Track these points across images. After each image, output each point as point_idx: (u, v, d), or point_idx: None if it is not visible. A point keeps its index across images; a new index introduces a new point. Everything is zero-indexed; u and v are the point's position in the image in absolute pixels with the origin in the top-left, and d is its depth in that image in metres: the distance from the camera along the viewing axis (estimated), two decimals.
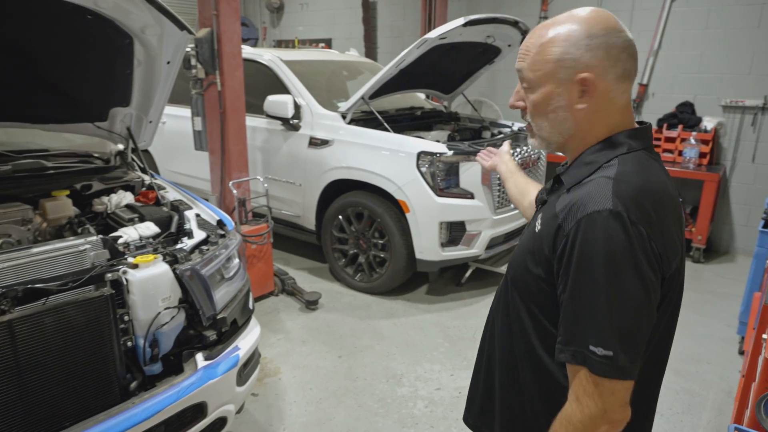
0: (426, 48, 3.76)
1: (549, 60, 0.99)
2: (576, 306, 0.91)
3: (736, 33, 4.85)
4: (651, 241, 0.89)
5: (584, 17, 0.98)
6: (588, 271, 0.89)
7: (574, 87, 0.98)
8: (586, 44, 0.95)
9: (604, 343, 0.87)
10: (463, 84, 5.09)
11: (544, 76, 1.00)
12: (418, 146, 3.70)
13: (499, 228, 3.94)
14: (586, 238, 0.89)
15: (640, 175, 0.94)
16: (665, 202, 0.94)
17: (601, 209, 0.89)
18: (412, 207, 3.70)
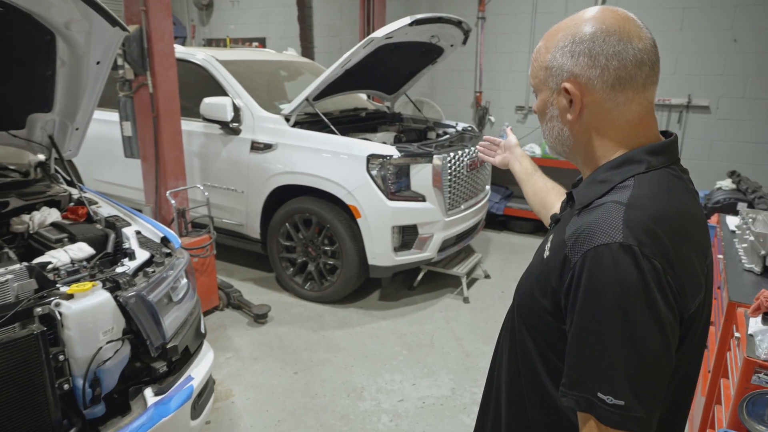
0: (372, 48, 3.65)
1: (542, 66, 0.93)
2: (582, 348, 0.80)
3: (661, 35, 5.09)
4: (667, 277, 0.77)
5: (580, 19, 0.89)
6: (595, 311, 0.78)
7: (562, 96, 0.91)
8: (570, 50, 0.88)
9: (615, 391, 0.76)
10: (406, 84, 5.03)
11: (539, 83, 0.94)
12: (368, 149, 3.58)
13: (451, 230, 3.90)
14: (593, 275, 0.78)
15: (657, 200, 0.82)
16: (687, 231, 0.83)
17: (610, 242, 0.78)
18: (364, 212, 3.58)
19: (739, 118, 4.95)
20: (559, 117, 0.92)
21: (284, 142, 3.83)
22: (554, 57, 0.89)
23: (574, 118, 0.90)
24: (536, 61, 0.94)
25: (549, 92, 0.93)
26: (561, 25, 0.92)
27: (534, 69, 0.95)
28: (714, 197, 4.18)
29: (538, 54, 0.94)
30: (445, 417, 2.71)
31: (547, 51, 0.91)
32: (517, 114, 5.99)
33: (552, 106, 0.93)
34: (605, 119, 0.89)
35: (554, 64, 0.90)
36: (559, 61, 0.89)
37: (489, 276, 4.49)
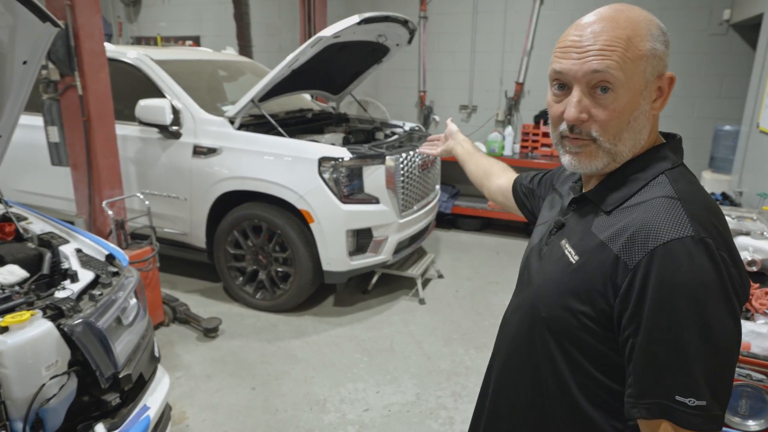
0: (320, 47, 3.54)
1: (640, 55, 0.83)
2: (655, 351, 0.76)
3: None
4: (732, 268, 0.76)
5: (641, 11, 0.87)
6: (671, 310, 0.75)
7: (653, 88, 0.86)
8: (663, 40, 0.85)
9: (697, 392, 0.74)
10: (351, 84, 4.94)
11: (635, 75, 0.84)
12: (319, 151, 3.47)
13: (405, 231, 3.86)
14: (666, 272, 0.75)
15: (701, 194, 0.82)
16: (727, 226, 0.84)
17: (683, 236, 0.75)
18: (317, 216, 3.47)
19: (666, 114, 5.21)
20: (648, 112, 0.87)
21: (229, 146, 3.64)
22: (654, 46, 0.84)
23: (660, 107, 0.88)
24: (629, 51, 0.82)
25: (643, 84, 0.84)
26: (632, 14, 0.85)
27: (624, 59, 0.82)
28: None
29: (627, 43, 0.82)
30: (413, 424, 2.66)
31: (641, 39, 0.83)
32: (461, 113, 6.04)
33: (645, 100, 0.86)
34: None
35: (654, 53, 0.84)
36: (659, 49, 0.84)
37: (442, 276, 4.49)
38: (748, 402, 1.45)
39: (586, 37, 0.84)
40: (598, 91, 0.84)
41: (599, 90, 0.84)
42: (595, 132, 0.86)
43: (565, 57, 0.86)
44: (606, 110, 0.84)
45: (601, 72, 0.82)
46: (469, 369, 3.12)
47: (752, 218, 2.38)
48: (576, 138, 0.87)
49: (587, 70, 0.83)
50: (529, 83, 5.66)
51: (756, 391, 1.44)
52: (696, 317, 0.74)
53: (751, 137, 3.84)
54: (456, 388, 2.95)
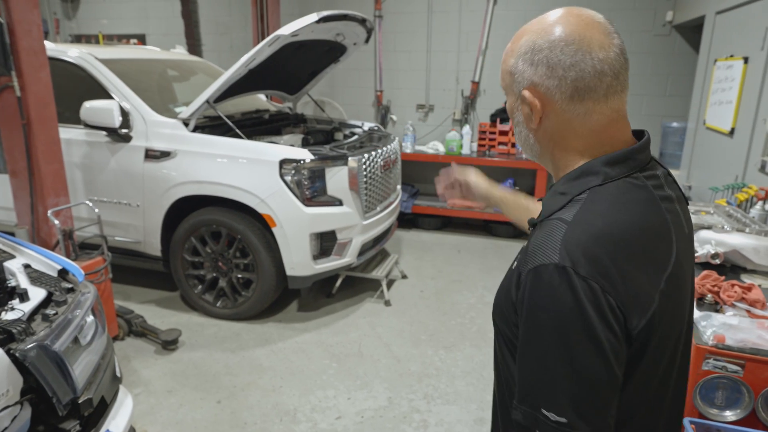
0: (278, 46, 3.44)
1: (507, 71, 0.90)
2: (527, 364, 0.80)
3: None
4: (607, 296, 0.74)
5: (543, 23, 0.85)
6: (537, 331, 0.78)
7: (524, 104, 0.88)
8: (530, 58, 0.85)
9: (557, 409, 0.76)
10: (308, 84, 4.85)
11: (507, 86, 0.92)
12: (280, 153, 3.37)
13: (369, 233, 3.81)
14: (533, 295, 0.78)
15: (605, 216, 0.79)
16: (635, 247, 0.79)
17: (548, 263, 0.77)
18: (279, 220, 3.37)
19: None
20: (524, 123, 0.90)
21: (184, 149, 3.49)
22: (516, 63, 0.86)
23: (536, 126, 0.88)
24: (503, 64, 0.91)
25: (514, 97, 0.90)
26: (526, 29, 0.88)
27: (502, 72, 0.92)
28: None
29: (505, 57, 0.90)
30: (387, 429, 2.62)
31: (511, 56, 0.88)
32: (418, 112, 6.05)
33: (517, 111, 0.91)
34: (566, 129, 0.86)
35: (516, 71, 0.87)
36: (520, 68, 0.86)
37: (406, 276, 4.47)
38: (725, 393, 1.49)
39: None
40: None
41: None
42: None
43: None
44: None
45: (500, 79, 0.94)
46: (439, 370, 3.10)
47: (709, 212, 2.47)
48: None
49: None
50: (485, 82, 5.73)
51: (731, 382, 1.47)
52: (556, 341, 0.76)
53: (698, 133, 4.01)
54: (428, 390, 2.92)
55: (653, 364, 0.82)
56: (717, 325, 1.56)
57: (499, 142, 5.56)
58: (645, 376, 0.82)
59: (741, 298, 1.70)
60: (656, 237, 0.81)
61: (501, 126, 5.51)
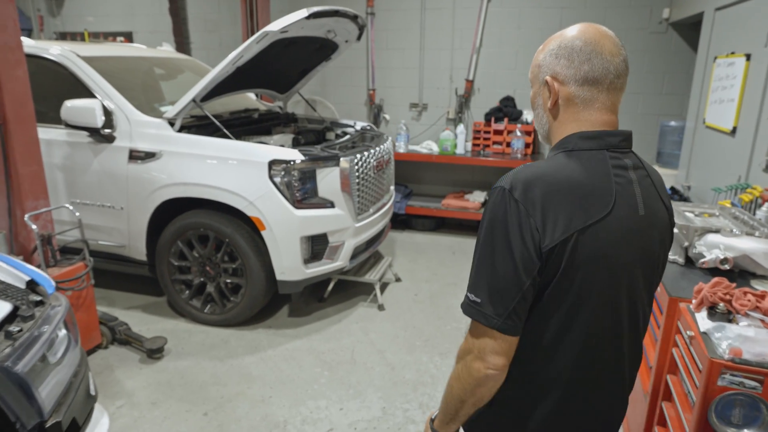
0: (267, 42, 3.32)
1: (536, 64, 1.14)
2: (473, 259, 1.08)
3: (543, 33, 5.31)
4: (529, 218, 0.98)
5: (569, 31, 1.09)
6: (480, 232, 1.05)
7: (546, 88, 1.11)
8: (556, 53, 1.09)
9: (476, 291, 1.04)
10: (299, 82, 4.73)
11: (533, 77, 1.16)
12: (269, 154, 3.26)
13: (362, 236, 3.70)
14: (486, 208, 1.06)
15: (553, 167, 1.03)
16: (564, 191, 1.00)
17: (498, 186, 1.03)
18: (268, 223, 3.25)
19: None
20: (543, 105, 1.13)
21: (170, 150, 3.36)
22: (545, 57, 1.11)
23: (551, 106, 1.11)
24: (534, 60, 1.14)
25: (538, 85, 1.14)
26: (555, 35, 1.11)
27: (532, 66, 1.15)
28: None
29: (536, 55, 1.14)
30: None
31: (541, 53, 1.12)
32: (411, 111, 5.94)
33: (539, 96, 1.14)
34: (572, 110, 1.09)
35: (544, 63, 1.11)
36: (547, 60, 1.10)
37: (400, 279, 4.37)
38: (742, 411, 1.39)
39: None
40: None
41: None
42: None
43: None
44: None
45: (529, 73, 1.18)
46: (435, 378, 3.00)
47: (714, 214, 2.38)
48: None
49: None
50: (479, 81, 5.63)
51: (749, 399, 1.38)
52: (488, 243, 1.02)
53: (697, 132, 3.93)
54: (423, 398, 2.82)
55: (562, 292, 1.02)
56: (732, 338, 1.46)
57: (493, 141, 5.46)
58: (555, 300, 1.03)
59: (755, 307, 1.61)
60: (592, 194, 1.01)
61: (495, 125, 5.42)
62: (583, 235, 0.99)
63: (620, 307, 1.07)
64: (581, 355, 1.06)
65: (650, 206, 1.09)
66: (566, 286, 1.01)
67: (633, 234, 1.04)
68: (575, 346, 1.05)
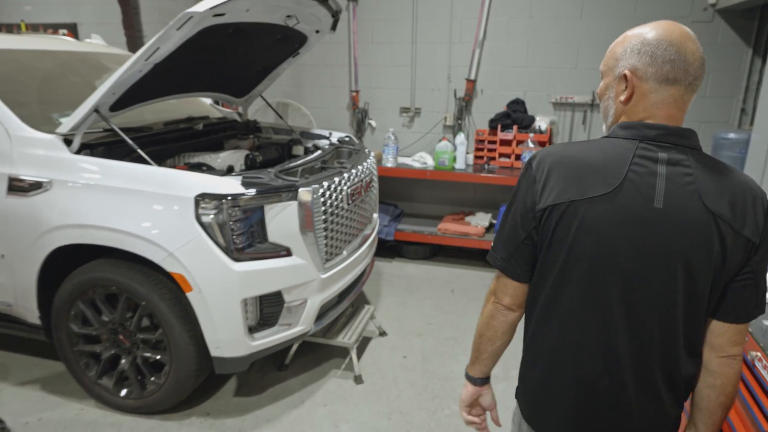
0: (194, 29, 2.39)
1: (613, 56, 1.14)
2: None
3: (561, 23, 4.40)
4: (536, 183, 1.14)
5: (652, 28, 1.10)
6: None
7: (621, 82, 1.12)
8: (638, 49, 1.09)
9: (495, 240, 1.27)
10: (261, 83, 3.81)
11: (608, 69, 1.16)
12: (197, 185, 2.34)
13: (332, 287, 2.79)
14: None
15: (574, 147, 1.16)
16: (573, 167, 1.11)
17: (529, 157, 1.34)
18: (196, 282, 2.34)
19: None
20: (614, 98, 1.16)
21: (62, 178, 2.44)
22: (625, 51, 1.11)
23: (625, 100, 1.13)
24: (610, 52, 1.16)
25: (612, 77, 1.15)
26: (636, 29, 1.12)
27: (607, 58, 1.17)
28: None
29: (614, 47, 1.15)
30: None
31: (620, 45, 1.13)
32: (402, 117, 5.02)
33: (611, 88, 1.16)
34: (643, 105, 1.11)
35: (623, 57, 1.11)
36: (627, 54, 1.11)
37: (385, 333, 3.46)
38: None
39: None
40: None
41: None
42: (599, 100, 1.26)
43: None
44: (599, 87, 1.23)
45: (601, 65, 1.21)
46: None
47: None
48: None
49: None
50: (483, 80, 4.71)
51: None
52: (510, 200, 1.24)
53: None
54: None
55: (553, 258, 1.14)
56: None
57: (500, 153, 4.55)
58: (548, 267, 1.16)
59: None
60: (595, 173, 1.09)
61: (502, 134, 4.50)
62: (574, 207, 1.09)
63: (609, 294, 1.10)
64: (564, 327, 1.17)
65: (674, 203, 1.06)
66: (557, 252, 1.13)
67: (639, 223, 1.06)
68: (563, 315, 1.16)
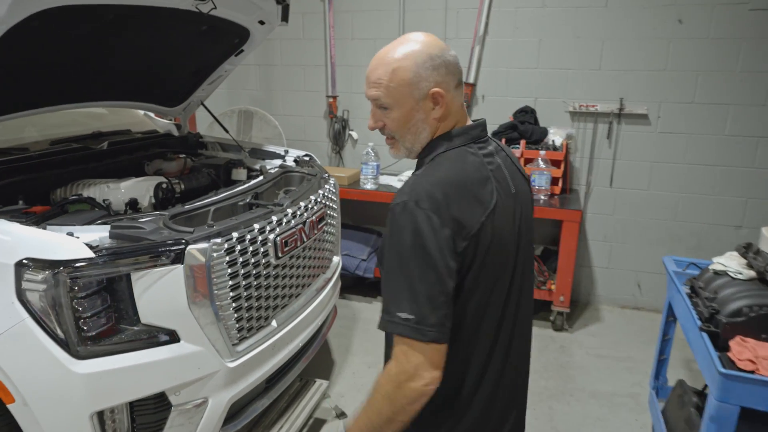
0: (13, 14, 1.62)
1: (403, 83, 1.11)
2: (385, 281, 1.08)
3: (581, 14, 3.55)
4: (443, 227, 1.03)
5: (420, 41, 1.13)
6: (391, 252, 1.06)
7: (428, 101, 1.13)
8: (431, 65, 1.10)
9: (401, 308, 1.03)
10: (198, 89, 3.04)
11: (402, 97, 1.12)
12: (21, 245, 1.57)
13: (248, 377, 2.00)
14: (390, 227, 1.08)
15: (443, 171, 1.11)
16: (462, 190, 1.08)
17: (399, 201, 1.07)
18: (18, 390, 1.57)
19: (687, 131, 3.52)
20: (425, 119, 1.15)
21: None
22: (416, 73, 1.10)
23: (439, 115, 1.15)
24: (391, 82, 1.11)
25: (413, 101, 1.13)
26: (400, 50, 1.11)
27: (389, 89, 1.12)
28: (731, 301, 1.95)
29: (392, 75, 1.11)
30: None
31: (403, 71, 1.10)
32: None
33: (418, 112, 1.14)
34: (450, 112, 1.16)
35: (419, 78, 1.10)
36: (423, 74, 1.10)
37: (344, 414, 2.65)
38: None
39: (370, 71, 1.16)
40: (383, 108, 1.16)
41: (382, 107, 1.16)
42: (390, 133, 1.19)
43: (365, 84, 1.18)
44: (389, 120, 1.17)
45: (377, 99, 1.15)
46: None
47: None
48: (387, 138, 1.21)
49: (369, 96, 1.17)
50: (484, 85, 3.88)
51: None
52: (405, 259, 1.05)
53: None
54: None
55: (478, 278, 1.09)
56: None
57: None
58: (472, 288, 1.09)
59: None
60: (480, 185, 1.11)
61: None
62: (485, 226, 1.08)
63: (514, 279, 1.18)
64: (496, 335, 1.17)
65: (517, 184, 1.20)
66: (479, 274, 1.09)
67: (513, 212, 1.16)
68: (491, 328, 1.16)
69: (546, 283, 3.49)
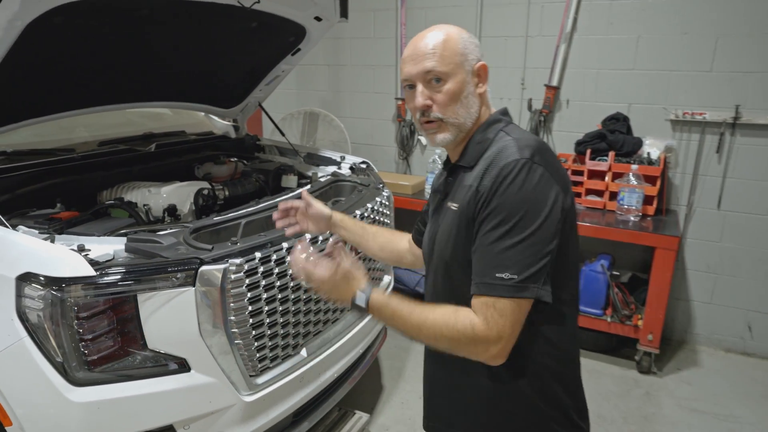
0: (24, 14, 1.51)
1: (456, 53, 1.10)
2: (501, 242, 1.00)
3: (689, 5, 3.03)
4: (555, 183, 1.02)
5: (450, 26, 1.13)
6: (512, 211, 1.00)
7: (474, 76, 1.13)
8: (471, 41, 1.13)
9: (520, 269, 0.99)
10: (255, 89, 2.91)
11: (456, 67, 1.10)
12: (24, 258, 1.46)
13: (269, 413, 1.79)
14: (507, 188, 1.01)
15: (529, 136, 1.12)
16: (552, 154, 1.09)
17: (512, 160, 1.02)
18: (15, 414, 1.46)
19: None
20: (474, 93, 1.13)
21: None
22: (465, 46, 1.11)
23: (485, 91, 1.16)
24: (446, 50, 1.09)
25: (465, 74, 1.11)
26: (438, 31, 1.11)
27: (444, 57, 1.09)
28: None
29: (445, 44, 1.09)
30: None
31: (455, 42, 1.10)
32: None
33: (469, 84, 1.12)
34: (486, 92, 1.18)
35: (467, 50, 1.11)
36: (470, 47, 1.11)
37: None
38: None
39: (415, 48, 1.11)
40: (434, 80, 1.10)
41: (435, 79, 1.10)
42: (438, 112, 1.11)
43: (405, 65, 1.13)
44: (441, 94, 1.10)
45: (431, 70, 1.09)
46: None
47: None
48: (431, 123, 1.13)
49: (422, 69, 1.09)
50: (569, 88, 3.44)
51: None
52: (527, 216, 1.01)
53: None
54: None
55: (574, 237, 1.12)
56: None
57: (588, 189, 3.25)
58: (570, 247, 1.09)
59: None
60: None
61: (593, 163, 3.20)
62: (569, 194, 1.08)
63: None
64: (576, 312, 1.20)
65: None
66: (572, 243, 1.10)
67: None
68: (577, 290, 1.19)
69: (632, 318, 3.01)
